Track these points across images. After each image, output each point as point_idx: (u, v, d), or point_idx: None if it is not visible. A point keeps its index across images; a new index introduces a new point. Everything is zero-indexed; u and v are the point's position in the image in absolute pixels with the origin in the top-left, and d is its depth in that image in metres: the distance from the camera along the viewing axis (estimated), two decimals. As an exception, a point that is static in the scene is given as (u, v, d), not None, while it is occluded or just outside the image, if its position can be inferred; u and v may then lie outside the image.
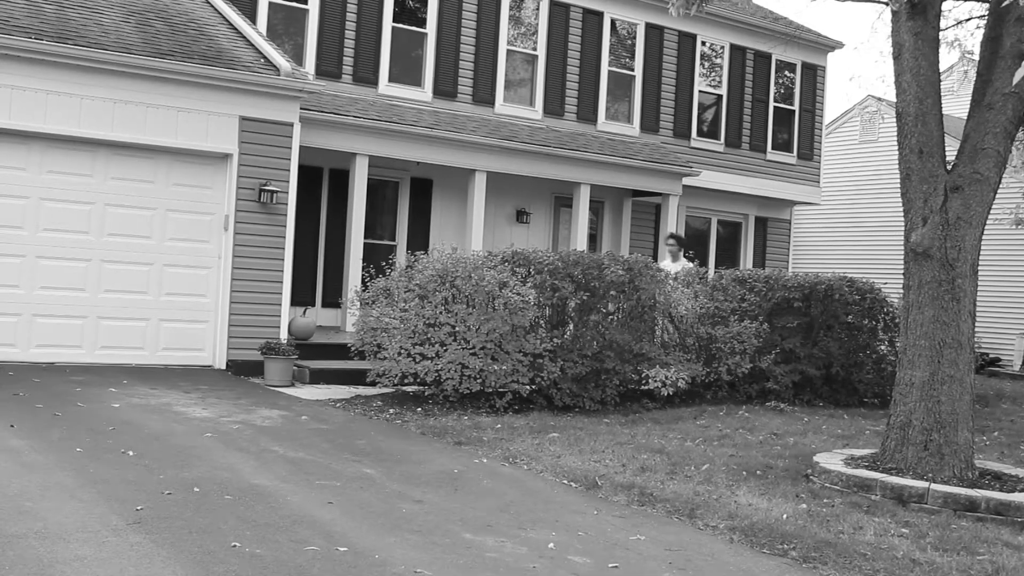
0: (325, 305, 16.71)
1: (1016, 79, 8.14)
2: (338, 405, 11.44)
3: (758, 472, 8.88)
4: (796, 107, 22.76)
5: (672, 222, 19.46)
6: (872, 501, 8.02)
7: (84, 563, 5.08)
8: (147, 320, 13.11)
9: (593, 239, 19.97)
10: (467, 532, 6.25)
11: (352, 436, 9.42)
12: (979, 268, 9.12)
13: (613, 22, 20.07)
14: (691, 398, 13.13)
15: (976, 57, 9.51)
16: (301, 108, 14.09)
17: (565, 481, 8.17)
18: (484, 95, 18.51)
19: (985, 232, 9.17)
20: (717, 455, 9.51)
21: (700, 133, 21.33)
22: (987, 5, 9.17)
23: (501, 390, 11.62)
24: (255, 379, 12.89)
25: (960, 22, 24.00)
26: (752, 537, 6.74)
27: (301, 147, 14.22)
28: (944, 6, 9.49)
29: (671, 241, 15.70)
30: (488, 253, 12.65)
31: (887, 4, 9.44)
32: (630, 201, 20.42)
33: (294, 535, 5.84)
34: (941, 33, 9.53)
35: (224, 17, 14.99)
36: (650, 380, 12.42)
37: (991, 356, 23.34)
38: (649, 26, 20.40)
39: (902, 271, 9.23)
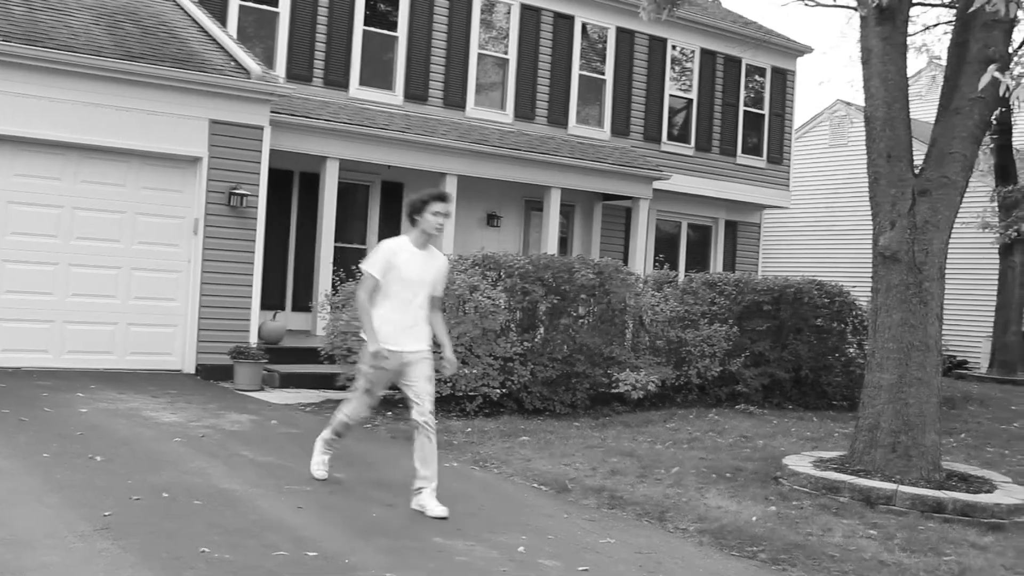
0: (295, 309, 16.65)
1: (982, 84, 8.22)
2: (308, 409, 11.41)
3: (728, 475, 8.92)
4: (766, 111, 22.87)
5: (643, 226, 19.52)
6: (841, 503, 8.06)
7: (51, 570, 5.04)
8: (115, 324, 13.02)
9: (564, 243, 20.00)
10: (437, 536, 6.24)
11: (322, 440, 9.38)
12: (946, 271, 9.20)
13: (584, 26, 20.12)
14: (661, 401, 13.17)
15: (944, 62, 9.58)
16: (272, 111, 14.05)
17: (535, 485, 8.18)
18: (455, 99, 18.51)
19: (952, 235, 9.25)
20: (687, 458, 9.54)
21: (670, 137, 21.39)
22: (954, 11, 9.24)
23: (471, 394, 11.62)
24: (225, 383, 12.83)
25: (928, 27, 24.16)
26: (722, 539, 6.77)
27: (272, 150, 14.17)
28: (912, 12, 9.57)
29: None
30: (459, 257, 12.64)
31: (856, 9, 9.50)
32: (601, 205, 20.47)
33: (263, 540, 5.82)
34: (909, 38, 9.61)
35: (195, 20, 14.92)
36: (620, 383, 12.46)
37: (958, 359, 23.52)
38: (620, 30, 20.45)
39: (871, 274, 9.30)
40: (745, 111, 22.53)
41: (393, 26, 17.93)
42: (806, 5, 12.55)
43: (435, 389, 7.15)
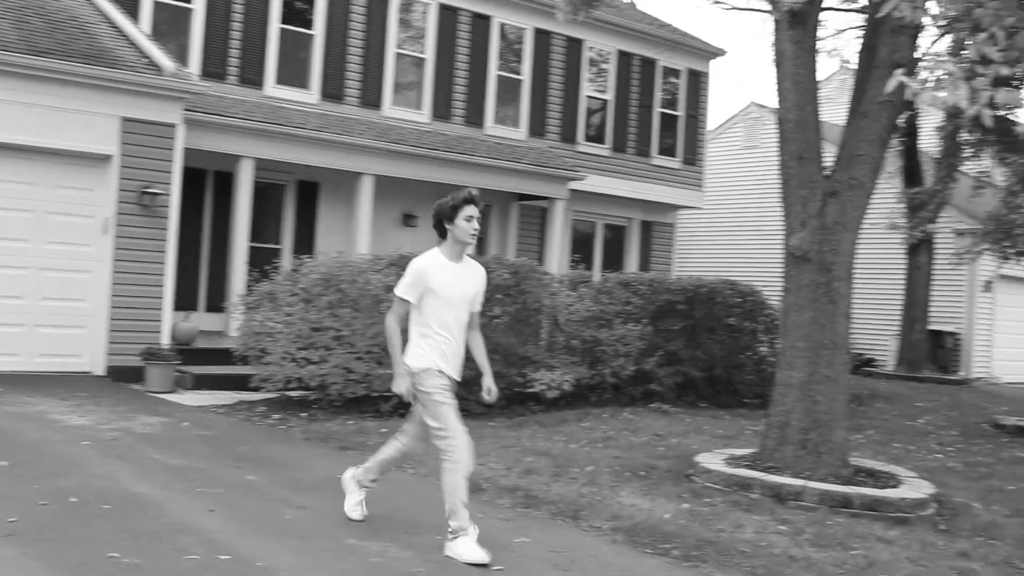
0: (209, 310, 16.44)
1: (889, 88, 8.39)
2: (221, 411, 11.28)
3: (642, 473, 9.00)
4: (681, 112, 23.12)
5: (559, 226, 19.60)
6: (752, 500, 8.18)
7: (-47, 577, 4.92)
8: (23, 326, 12.75)
9: (481, 243, 20.01)
10: (351, 538, 6.21)
11: (235, 442, 9.30)
12: (855, 271, 9.39)
13: (502, 27, 20.15)
14: (576, 400, 13.25)
15: (854, 66, 9.77)
16: (185, 109, 13.86)
17: (451, 485, 8.16)
18: (372, 98, 18.43)
19: (861, 236, 9.44)
20: (601, 457, 9.61)
21: (587, 138, 21.52)
22: (864, 16, 9.43)
23: (387, 394, 11.56)
24: (136, 386, 12.63)
25: (839, 32, 24.63)
26: (635, 537, 6.83)
27: (185, 149, 13.98)
28: (824, 16, 9.76)
29: None
30: (374, 257, 12.60)
31: (771, 13, 9.64)
32: (517, 205, 20.52)
33: (175, 544, 5.74)
34: (821, 43, 9.79)
35: (106, 16, 14.66)
36: (536, 383, 12.50)
37: (866, 356, 24.00)
38: (537, 31, 20.52)
39: (783, 274, 9.45)
40: (660, 112, 22.75)
41: (309, 24, 17.79)
42: (723, 8, 12.69)
43: (355, 391, 7.08)
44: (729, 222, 28.01)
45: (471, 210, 6.26)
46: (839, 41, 39.95)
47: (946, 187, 21.76)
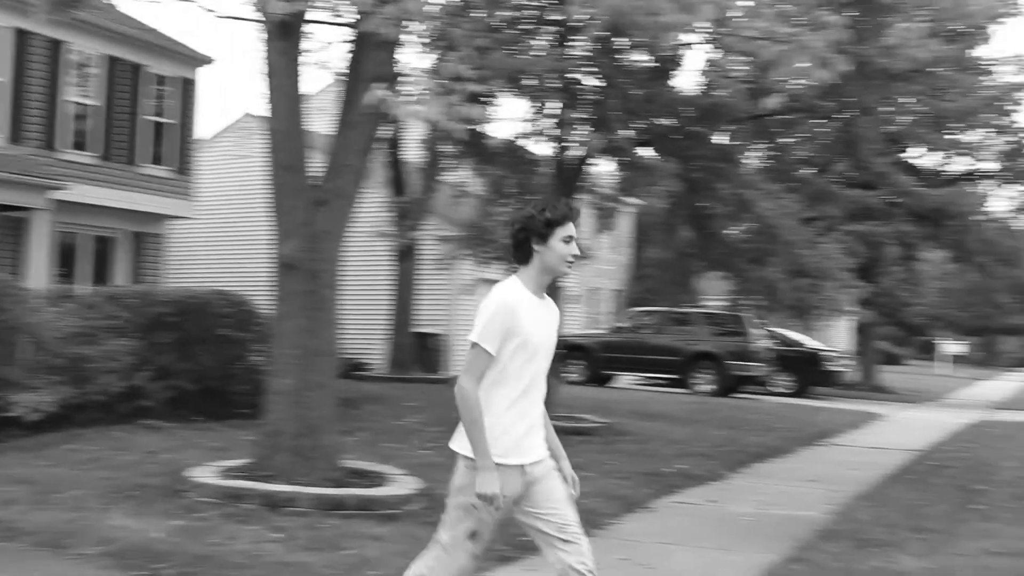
0: None
1: (371, 101, 8.73)
2: None
3: (133, 493, 8.66)
4: (171, 120, 22.47)
5: (40, 238, 18.37)
6: (247, 510, 8.14)
7: None
8: None
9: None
10: None
11: None
12: (347, 278, 9.66)
13: (-30, 23, 18.57)
14: (62, 422, 12.47)
15: (343, 79, 10.00)
16: None
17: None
18: None
19: (352, 244, 9.72)
20: (89, 479, 9.15)
21: (72, 145, 20.32)
22: (352, 31, 9.70)
23: None
24: None
25: (328, 45, 25.14)
26: (124, 560, 6.57)
27: None
28: (314, 29, 9.93)
29: None
30: None
31: (261, 23, 9.62)
32: (-9, 216, 19.02)
33: None
34: (311, 55, 9.93)
35: None
36: (15, 407, 11.67)
37: (358, 361, 24.64)
38: (18, 31, 19.05)
39: (274, 283, 9.51)
40: (148, 120, 21.95)
41: None
42: (216, 16, 12.43)
43: None
44: (223, 232, 27.75)
45: (571, 229, 4.58)
46: (330, 54, 40.82)
47: (430, 196, 23.00)
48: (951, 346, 56.91)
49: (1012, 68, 29.54)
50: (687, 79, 16.84)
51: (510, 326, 4.40)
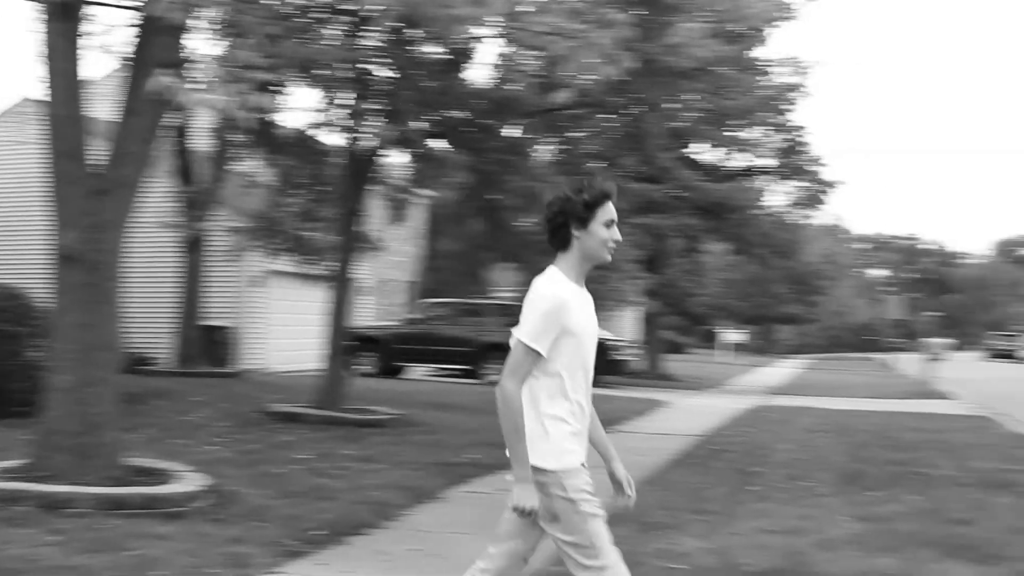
0: None
1: (154, 87, 8.49)
2: None
3: None
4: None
5: None
6: (23, 513, 7.76)
7: None
8: None
9: None
10: None
11: None
12: (131, 270, 9.36)
13: None
14: None
15: (127, 64, 9.64)
16: None
17: None
18: None
19: (136, 235, 9.42)
20: None
21: None
22: (139, 14, 9.38)
23: None
24: None
25: (114, 27, 24.21)
26: None
27: None
28: (100, 11, 9.55)
29: None
30: None
31: (40, 3, 9.19)
32: None
33: None
34: (98, 38, 9.56)
35: None
36: None
37: (143, 355, 23.86)
38: None
39: (53, 276, 9.14)
40: (-88, 100, 20.76)
41: None
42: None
43: None
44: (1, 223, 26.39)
45: (611, 211, 4.26)
46: (114, 37, 39.30)
47: (218, 186, 22.46)
48: (731, 335, 59.14)
49: (787, 69, 31.15)
50: (479, 72, 17.00)
51: (565, 324, 4.13)
